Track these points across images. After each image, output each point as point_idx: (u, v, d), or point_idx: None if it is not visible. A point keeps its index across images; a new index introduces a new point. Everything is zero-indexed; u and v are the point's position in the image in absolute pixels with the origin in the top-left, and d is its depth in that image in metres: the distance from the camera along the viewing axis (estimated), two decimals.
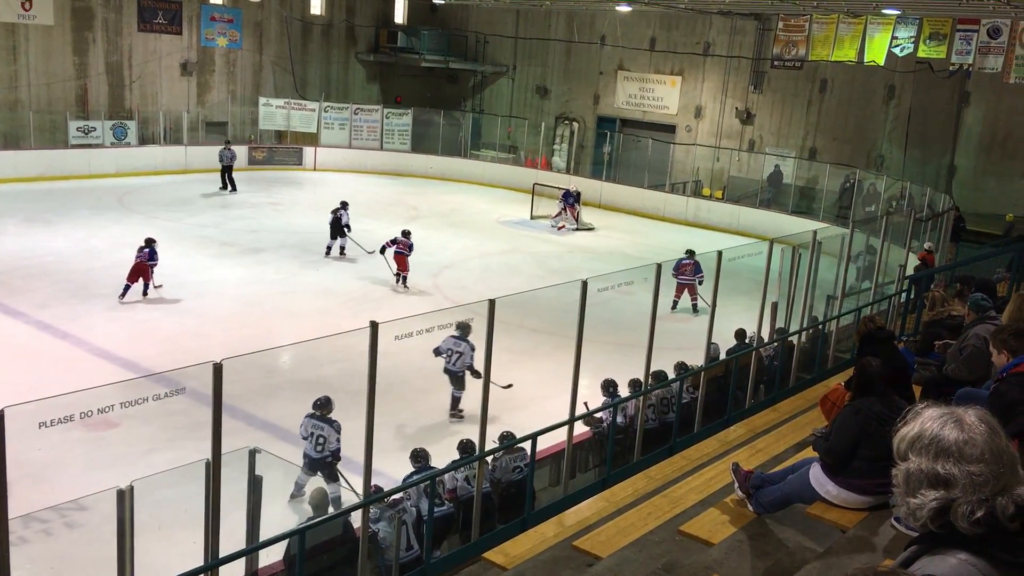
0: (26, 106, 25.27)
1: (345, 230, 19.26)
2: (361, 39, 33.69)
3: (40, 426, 4.65)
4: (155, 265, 15.49)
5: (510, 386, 10.90)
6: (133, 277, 15.18)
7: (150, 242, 15.53)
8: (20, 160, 24.22)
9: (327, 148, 30.72)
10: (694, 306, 16.17)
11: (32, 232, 19.25)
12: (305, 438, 8.89)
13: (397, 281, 17.14)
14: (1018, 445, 2.18)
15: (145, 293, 15.35)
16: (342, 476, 8.67)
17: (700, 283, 15.98)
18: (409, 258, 17.18)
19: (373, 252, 18.21)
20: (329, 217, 19.40)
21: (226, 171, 25.72)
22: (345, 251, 19.23)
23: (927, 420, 1.99)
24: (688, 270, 16.05)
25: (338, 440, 8.74)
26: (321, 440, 8.82)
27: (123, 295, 15.05)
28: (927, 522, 1.94)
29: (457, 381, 11.52)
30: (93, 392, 5.13)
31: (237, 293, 16.32)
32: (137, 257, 15.34)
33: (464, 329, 10.78)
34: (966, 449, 1.93)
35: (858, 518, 5.08)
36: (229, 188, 25.53)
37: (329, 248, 19.21)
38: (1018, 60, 21.05)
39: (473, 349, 10.95)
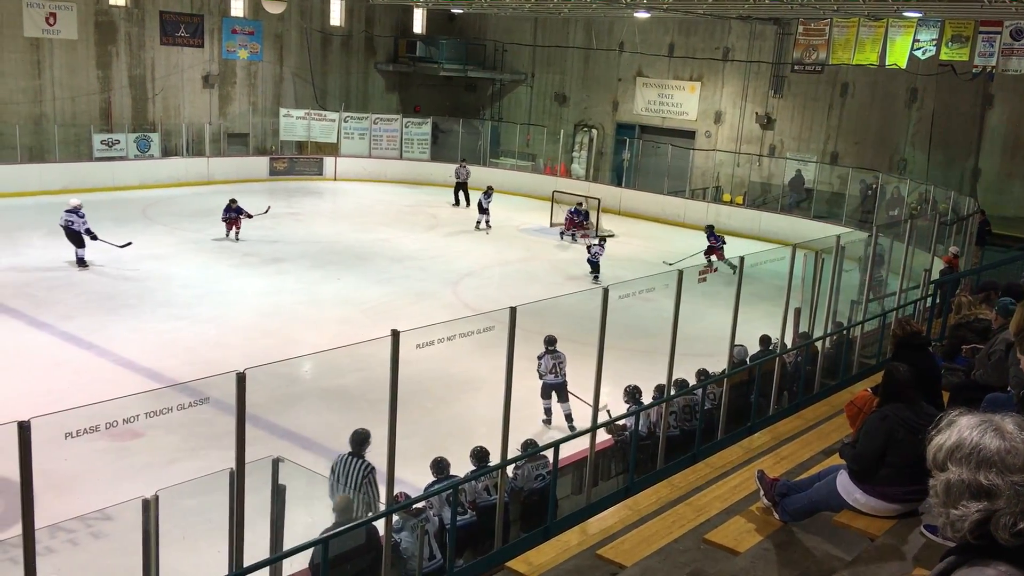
0: (51, 120, 25.58)
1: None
2: (380, 49, 33.87)
3: (66, 436, 4.67)
4: (245, 216, 20.60)
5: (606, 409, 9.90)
6: (229, 226, 20.54)
7: (233, 202, 20.52)
8: (45, 173, 24.50)
9: (347, 158, 30.88)
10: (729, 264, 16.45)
11: (57, 244, 19.42)
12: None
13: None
14: None
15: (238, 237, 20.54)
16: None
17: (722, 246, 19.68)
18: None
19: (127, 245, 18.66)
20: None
21: (461, 187, 26.59)
22: (85, 262, 17.90)
23: (964, 428, 1.94)
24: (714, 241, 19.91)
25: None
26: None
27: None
28: (966, 534, 1.90)
29: (564, 392, 11.41)
30: (118, 402, 5.15)
31: (258, 303, 16.40)
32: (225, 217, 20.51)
33: (552, 341, 11.28)
34: (1008, 458, 1.88)
35: (886, 526, 5.01)
36: (464, 203, 26.24)
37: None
38: None
39: (558, 357, 11.33)
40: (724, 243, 20.63)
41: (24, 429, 4.51)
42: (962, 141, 24.40)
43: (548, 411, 11.66)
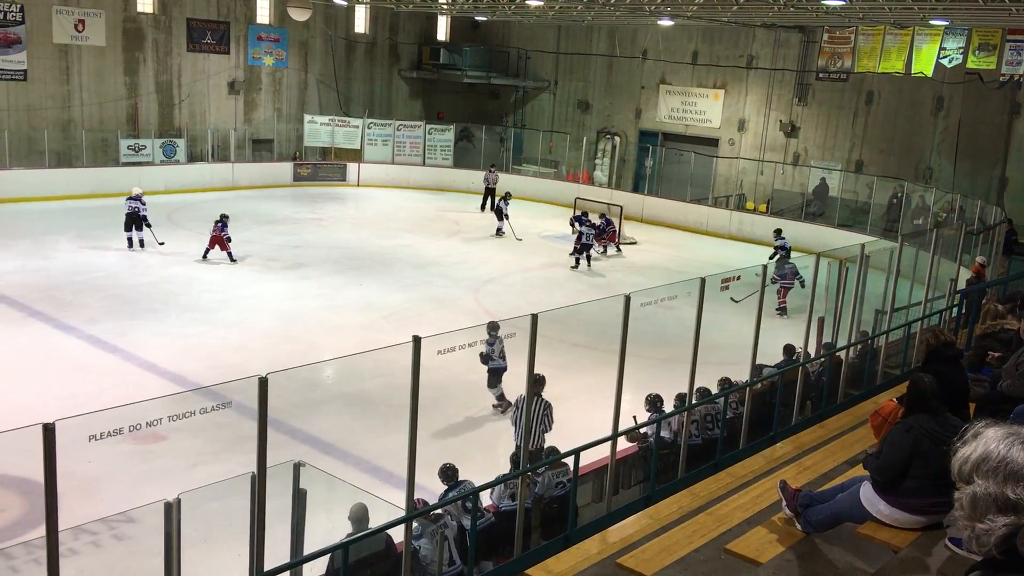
0: (79, 125, 25.91)
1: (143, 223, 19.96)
2: (404, 56, 34.05)
3: (90, 439, 4.71)
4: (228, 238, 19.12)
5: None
6: (211, 245, 19.06)
7: (224, 217, 19.14)
8: (73, 178, 24.80)
9: (370, 164, 31.05)
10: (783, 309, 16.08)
11: (83, 248, 19.68)
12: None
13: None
14: None
15: (232, 259, 19.15)
16: None
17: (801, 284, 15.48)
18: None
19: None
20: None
21: (490, 193, 26.66)
22: (144, 244, 19.82)
23: (991, 441, 1.91)
24: (790, 274, 15.88)
25: None
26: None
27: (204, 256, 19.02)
28: (992, 548, 1.86)
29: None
30: (142, 406, 5.19)
31: (280, 308, 16.49)
32: (213, 232, 19.02)
33: (495, 327, 11.41)
34: None
35: (911, 538, 4.95)
36: (492, 209, 25.90)
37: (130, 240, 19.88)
38: None
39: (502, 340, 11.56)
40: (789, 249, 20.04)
41: (49, 431, 4.54)
42: (989, 150, 24.14)
43: (502, 397, 11.87)
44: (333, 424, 11.66)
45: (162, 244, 19.83)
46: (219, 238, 18.99)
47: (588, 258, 21.00)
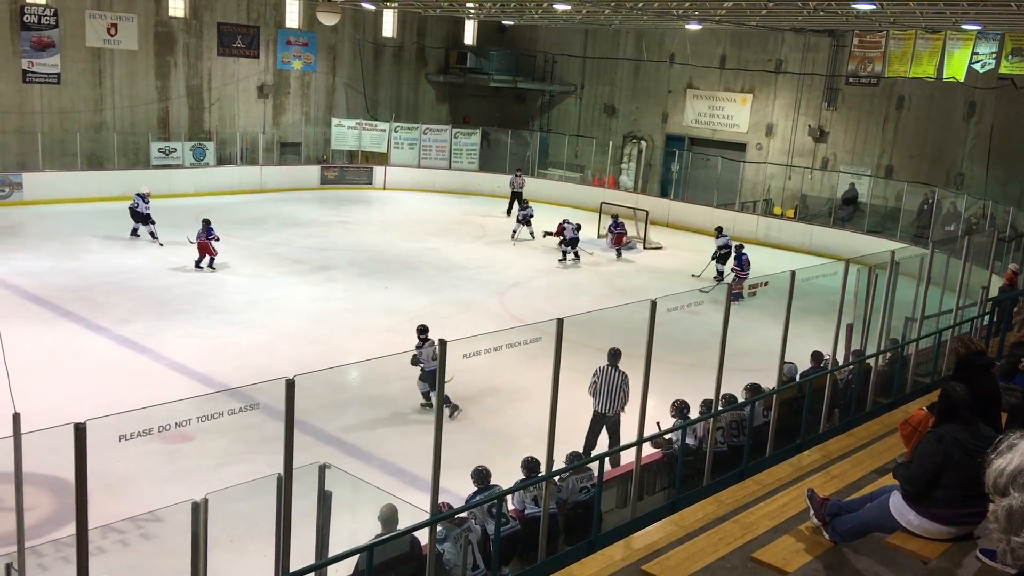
0: (111, 128, 26.24)
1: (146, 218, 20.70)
2: (431, 60, 34.18)
3: (120, 439, 4.76)
4: (215, 240, 18.80)
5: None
6: (202, 252, 18.70)
7: (206, 223, 18.78)
8: (104, 180, 25.11)
9: (397, 167, 31.19)
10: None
11: (114, 249, 19.91)
12: None
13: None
14: None
15: (212, 266, 18.75)
16: None
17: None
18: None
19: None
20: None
21: (516, 197, 26.59)
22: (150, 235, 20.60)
23: None
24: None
25: None
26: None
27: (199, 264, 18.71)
28: None
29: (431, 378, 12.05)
30: (171, 406, 5.25)
31: (307, 310, 16.60)
32: (198, 239, 18.68)
33: (424, 329, 12.17)
34: None
35: (941, 549, 4.89)
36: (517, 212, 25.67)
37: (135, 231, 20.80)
38: None
39: (432, 345, 11.78)
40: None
41: (80, 431, 4.60)
42: (1022, 156, 23.80)
43: (427, 395, 12.16)
44: (358, 426, 11.71)
45: (161, 245, 20.10)
46: (206, 244, 18.68)
47: (576, 254, 21.94)
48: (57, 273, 17.73)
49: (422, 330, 12.25)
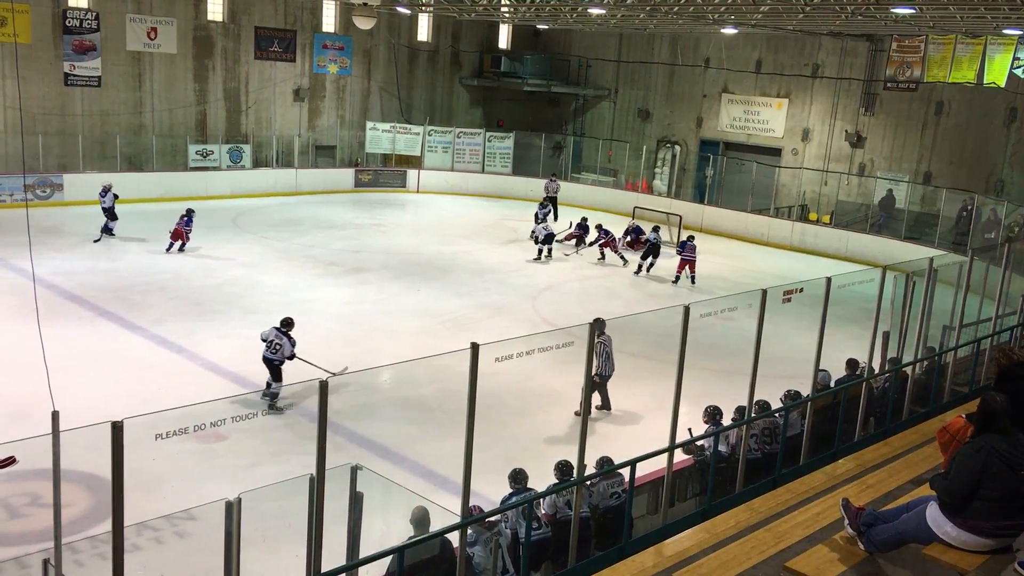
0: (149, 130, 26.64)
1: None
2: (465, 64, 34.31)
3: (156, 438, 4.82)
4: (190, 230, 19.97)
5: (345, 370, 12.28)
6: (174, 237, 19.84)
7: (189, 212, 20.15)
8: (142, 181, 25.49)
9: (430, 171, 31.33)
10: (692, 278, 20.21)
11: (151, 251, 20.19)
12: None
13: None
14: None
15: (181, 250, 19.89)
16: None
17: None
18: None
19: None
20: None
21: (551, 201, 26.64)
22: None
23: None
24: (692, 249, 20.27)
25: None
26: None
27: (168, 249, 19.76)
28: None
29: (276, 372, 12.12)
30: (207, 406, 5.30)
31: (340, 312, 16.70)
32: (177, 225, 19.77)
33: (288, 324, 12.38)
34: None
35: (978, 561, 4.81)
36: (552, 218, 25.56)
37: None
38: None
39: (293, 344, 12.23)
40: (612, 237, 22.37)
41: (117, 429, 4.66)
42: None
43: (276, 396, 12.06)
44: (389, 428, 11.76)
45: (96, 241, 20.57)
46: (180, 231, 19.88)
47: (550, 251, 22.31)
48: (95, 273, 18.02)
49: (287, 323, 12.44)
